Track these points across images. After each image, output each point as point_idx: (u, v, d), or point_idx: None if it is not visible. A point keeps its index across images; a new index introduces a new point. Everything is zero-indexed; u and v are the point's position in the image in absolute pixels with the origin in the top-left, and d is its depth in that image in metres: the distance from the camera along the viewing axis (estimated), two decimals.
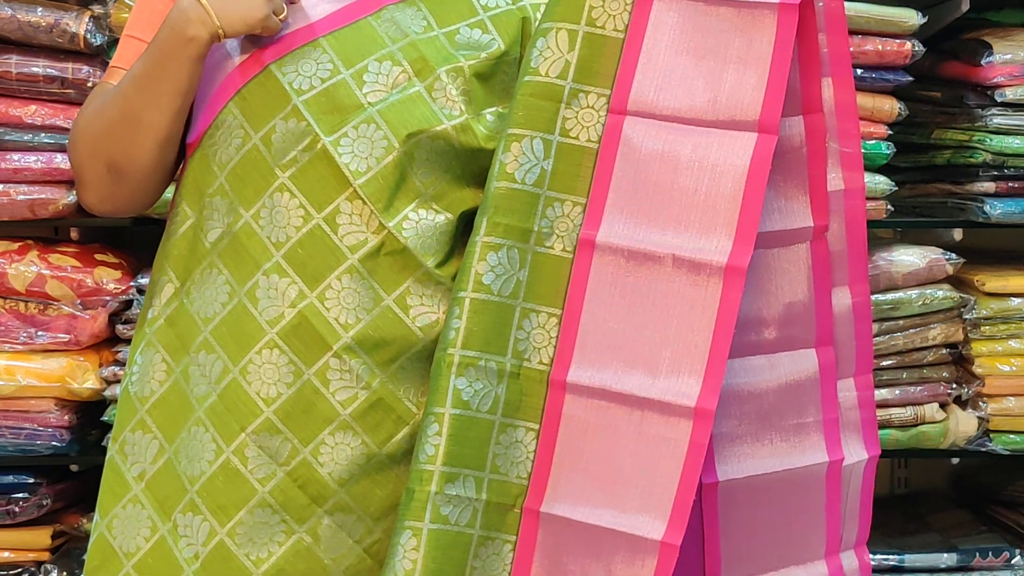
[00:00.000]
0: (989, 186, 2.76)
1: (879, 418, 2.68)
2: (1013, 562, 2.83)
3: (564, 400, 1.63)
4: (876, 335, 2.72)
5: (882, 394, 2.74)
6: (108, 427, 2.65)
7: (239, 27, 1.61)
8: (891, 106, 2.71)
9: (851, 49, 2.60)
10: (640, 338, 1.61)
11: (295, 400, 1.63)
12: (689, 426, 1.57)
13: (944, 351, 2.79)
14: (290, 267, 1.63)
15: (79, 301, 2.66)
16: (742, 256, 1.58)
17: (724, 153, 1.61)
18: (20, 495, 2.71)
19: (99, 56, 2.63)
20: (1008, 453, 2.80)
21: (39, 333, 2.65)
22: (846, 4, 2.57)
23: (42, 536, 2.73)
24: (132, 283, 2.66)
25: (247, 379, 1.63)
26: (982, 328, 2.79)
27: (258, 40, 1.66)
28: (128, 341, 2.67)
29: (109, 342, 2.71)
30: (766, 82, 1.62)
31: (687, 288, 1.60)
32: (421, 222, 1.66)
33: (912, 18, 2.67)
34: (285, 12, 1.63)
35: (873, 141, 2.71)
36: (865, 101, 2.69)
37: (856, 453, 1.86)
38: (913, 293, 2.74)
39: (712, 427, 1.57)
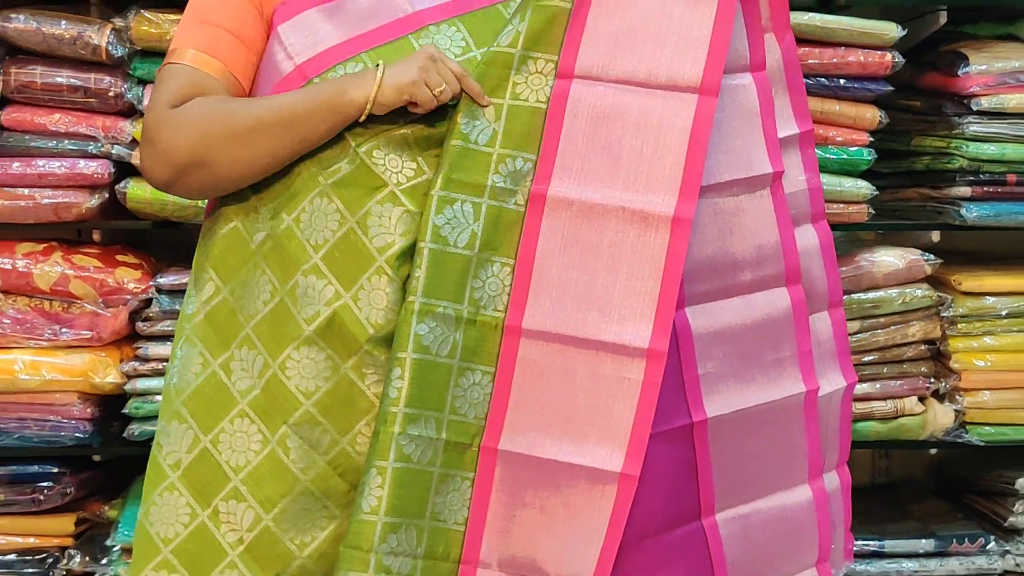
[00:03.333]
0: (965, 190, 2.79)
1: (860, 411, 2.75)
2: (988, 548, 2.87)
3: (519, 344, 1.67)
4: (858, 332, 2.75)
5: (864, 388, 2.75)
6: (128, 419, 2.72)
7: (390, 95, 1.63)
8: (872, 114, 2.74)
9: (835, 60, 2.69)
10: (592, 285, 1.65)
11: (332, 393, 1.67)
12: (643, 366, 1.62)
13: (923, 347, 2.82)
14: (327, 268, 1.67)
15: (101, 300, 2.70)
16: (687, 208, 1.63)
17: (668, 114, 1.66)
18: (45, 484, 2.75)
19: (120, 67, 2.68)
20: (983, 444, 2.83)
21: (63, 330, 2.70)
22: (829, 17, 2.68)
23: (66, 523, 2.78)
24: (151, 282, 2.71)
25: (286, 374, 1.66)
26: (959, 325, 2.82)
27: (305, 50, 1.68)
28: (147, 338, 2.73)
29: (129, 339, 2.76)
30: (708, 45, 1.67)
31: (636, 238, 1.65)
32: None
33: (892, 31, 2.70)
34: (443, 88, 1.65)
35: (855, 148, 2.75)
36: (848, 109, 2.74)
37: (834, 382, 1.91)
38: (893, 292, 2.77)
39: (663, 368, 1.61)
